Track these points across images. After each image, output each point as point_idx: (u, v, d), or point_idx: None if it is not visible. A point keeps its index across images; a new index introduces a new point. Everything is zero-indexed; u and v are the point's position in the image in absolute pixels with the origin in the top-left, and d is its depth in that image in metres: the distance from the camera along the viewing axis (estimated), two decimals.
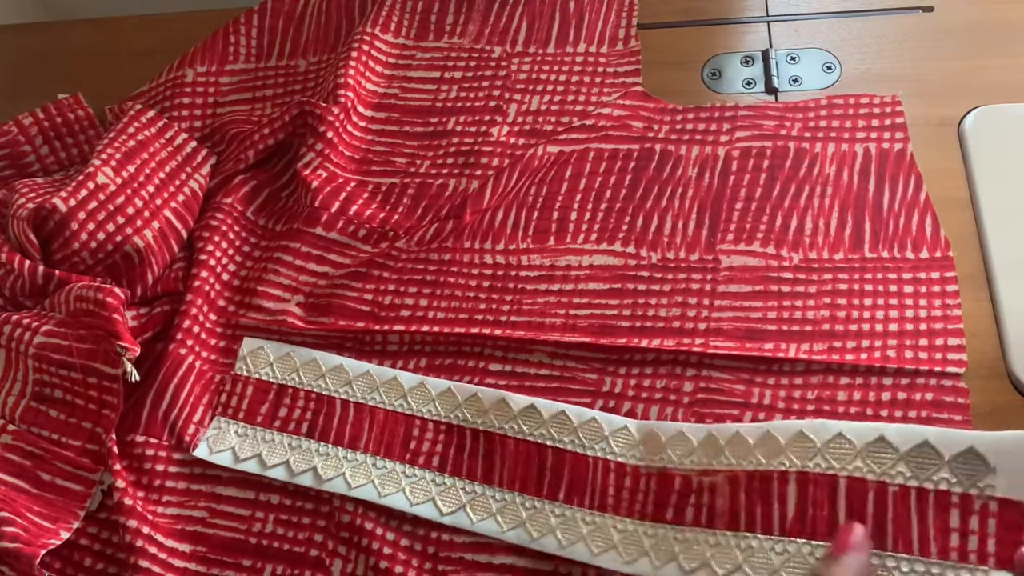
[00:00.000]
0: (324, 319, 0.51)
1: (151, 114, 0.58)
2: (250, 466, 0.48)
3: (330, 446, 0.47)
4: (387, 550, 0.45)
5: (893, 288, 0.47)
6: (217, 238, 0.55)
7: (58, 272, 0.52)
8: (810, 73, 0.55)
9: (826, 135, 0.52)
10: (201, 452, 0.49)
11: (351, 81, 0.58)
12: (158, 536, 0.46)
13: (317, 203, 0.54)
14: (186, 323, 0.52)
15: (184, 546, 0.47)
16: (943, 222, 0.48)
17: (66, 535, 0.47)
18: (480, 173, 0.55)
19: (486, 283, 0.51)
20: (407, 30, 0.62)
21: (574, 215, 0.53)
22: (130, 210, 0.53)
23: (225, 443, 0.49)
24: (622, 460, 0.43)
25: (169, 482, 0.49)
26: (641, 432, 0.43)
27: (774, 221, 0.50)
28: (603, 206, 0.53)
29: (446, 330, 0.49)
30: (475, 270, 0.52)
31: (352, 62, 0.59)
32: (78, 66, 0.66)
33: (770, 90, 0.55)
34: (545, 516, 0.43)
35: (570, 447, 0.44)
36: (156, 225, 0.54)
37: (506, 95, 0.58)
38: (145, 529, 0.46)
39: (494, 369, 0.48)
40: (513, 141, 0.56)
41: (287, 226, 0.55)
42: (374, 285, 0.52)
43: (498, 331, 0.49)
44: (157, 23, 0.67)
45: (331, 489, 0.46)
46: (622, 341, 0.47)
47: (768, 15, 0.59)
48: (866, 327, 0.46)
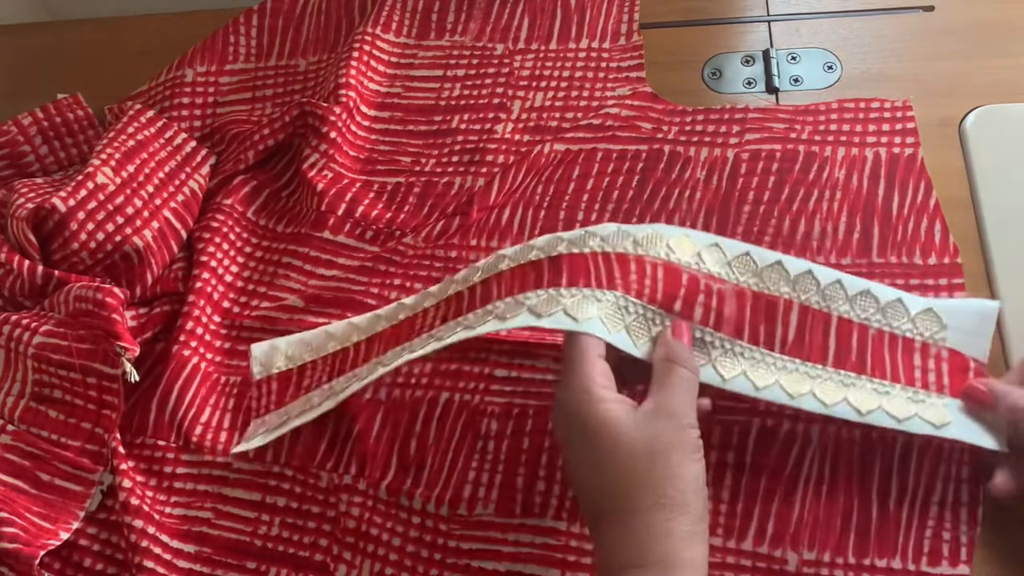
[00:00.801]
0: (331, 310, 0.51)
1: (151, 114, 0.58)
2: (301, 419, 0.46)
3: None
4: (393, 556, 0.44)
5: None
6: (218, 239, 0.55)
7: (57, 272, 0.52)
8: (811, 73, 0.56)
9: (836, 139, 0.52)
10: (241, 447, 0.47)
11: (353, 81, 0.58)
12: (163, 536, 0.46)
13: (324, 206, 0.54)
14: (189, 324, 0.51)
15: (189, 547, 0.47)
16: None
17: (65, 535, 0.46)
18: (486, 170, 0.55)
19: None
20: (408, 29, 0.62)
21: (581, 215, 0.52)
22: (129, 210, 0.53)
23: (267, 425, 0.48)
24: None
25: (177, 483, 0.48)
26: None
27: (782, 224, 0.50)
28: (611, 207, 0.52)
29: None
30: None
31: (353, 62, 0.58)
32: (78, 66, 0.66)
33: (771, 90, 0.55)
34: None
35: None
36: (155, 225, 0.54)
37: (510, 92, 0.58)
38: (151, 529, 0.46)
39: (499, 375, 0.48)
40: (518, 138, 0.56)
41: (293, 229, 0.55)
42: (380, 280, 0.52)
43: (503, 333, 0.48)
44: (157, 23, 0.67)
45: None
46: None
47: (769, 15, 0.59)
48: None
